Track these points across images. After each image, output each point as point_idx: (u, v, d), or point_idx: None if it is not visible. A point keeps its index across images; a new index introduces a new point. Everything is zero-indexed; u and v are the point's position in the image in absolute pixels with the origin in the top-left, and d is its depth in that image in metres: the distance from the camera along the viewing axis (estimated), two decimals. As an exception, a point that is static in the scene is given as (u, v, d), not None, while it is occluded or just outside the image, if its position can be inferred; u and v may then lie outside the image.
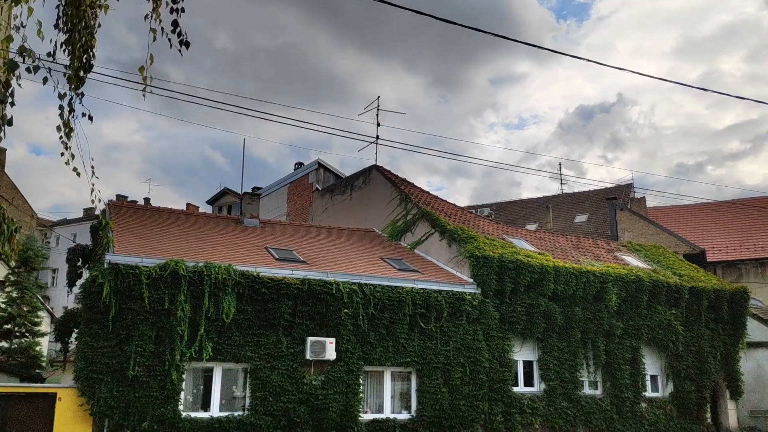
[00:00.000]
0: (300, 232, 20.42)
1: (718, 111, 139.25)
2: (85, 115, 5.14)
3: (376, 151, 26.41)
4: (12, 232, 4.65)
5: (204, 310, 13.51)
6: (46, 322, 28.58)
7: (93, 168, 5.37)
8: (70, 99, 4.77)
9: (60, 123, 4.80)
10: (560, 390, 17.75)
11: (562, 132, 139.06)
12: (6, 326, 24.33)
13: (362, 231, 22.02)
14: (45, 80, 4.67)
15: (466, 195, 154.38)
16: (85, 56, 4.70)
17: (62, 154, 5.06)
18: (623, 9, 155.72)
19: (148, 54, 4.68)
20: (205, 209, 41.54)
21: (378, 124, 24.41)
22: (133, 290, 12.97)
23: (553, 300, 18.03)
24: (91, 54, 4.75)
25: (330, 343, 14.52)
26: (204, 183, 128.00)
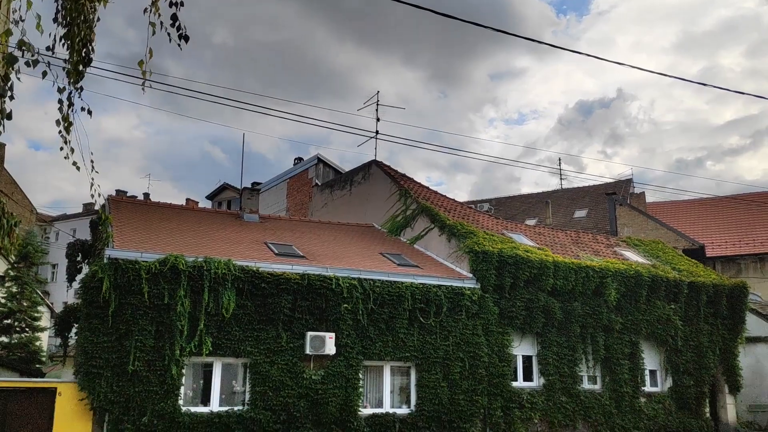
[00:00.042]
0: (299, 227, 20.43)
1: (717, 106, 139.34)
2: (84, 109, 5.13)
3: (376, 146, 26.46)
4: (11, 226, 4.65)
5: (204, 305, 13.53)
6: (45, 317, 28.62)
7: (92, 162, 5.37)
8: (70, 93, 4.77)
9: (59, 117, 4.81)
10: (559, 385, 17.79)
11: (562, 127, 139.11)
12: (6, 321, 24.37)
13: (362, 226, 22.03)
14: (44, 74, 4.67)
15: (466, 190, 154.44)
16: (84, 50, 4.70)
17: (61, 149, 5.06)
18: (623, 4, 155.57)
19: (147, 48, 4.68)
20: (204, 204, 41.53)
21: (377, 119, 24.41)
22: (132, 285, 12.98)
23: (552, 295, 18.05)
24: (90, 48, 4.74)
25: (330, 337, 14.55)
26: (203, 178, 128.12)
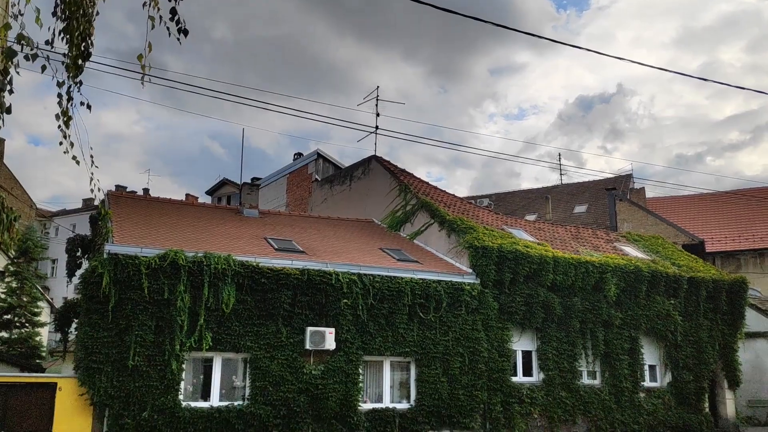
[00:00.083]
0: (299, 222, 20.42)
1: (718, 101, 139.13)
2: (83, 104, 5.12)
3: (376, 141, 26.36)
4: (11, 220, 4.64)
5: (204, 300, 13.53)
6: (45, 312, 28.62)
7: (92, 157, 5.35)
8: (69, 87, 4.76)
9: (59, 111, 4.79)
10: (559, 380, 17.81)
11: (562, 122, 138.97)
12: (6, 316, 24.37)
13: (361, 221, 22.02)
14: (43, 68, 4.65)
15: (466, 186, 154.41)
16: (84, 44, 4.68)
17: (61, 143, 5.04)
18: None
19: (147, 42, 4.66)
20: (204, 200, 41.55)
21: (377, 114, 24.40)
22: (132, 280, 12.98)
23: (552, 290, 18.06)
24: (89, 42, 4.72)
25: (329, 333, 14.56)
26: (203, 173, 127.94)
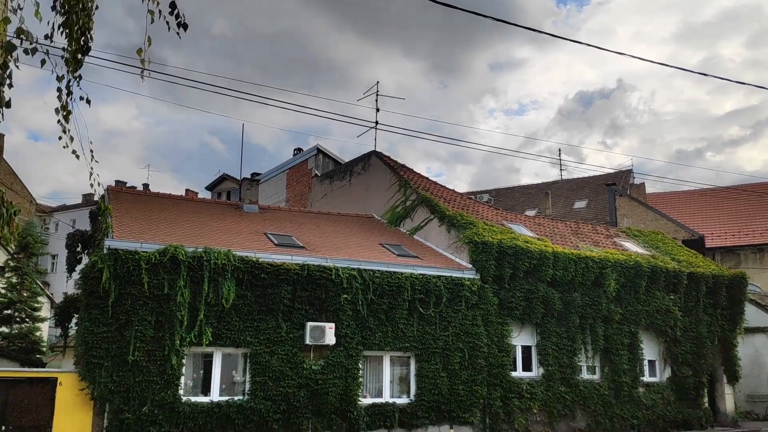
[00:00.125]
0: (299, 217, 20.42)
1: (718, 97, 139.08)
2: (83, 98, 5.11)
3: (375, 136, 26.40)
4: (11, 215, 4.65)
5: (203, 295, 13.54)
6: (46, 307, 28.64)
7: (92, 152, 5.35)
8: (68, 82, 4.75)
9: (58, 106, 4.79)
10: (558, 375, 17.84)
11: (562, 118, 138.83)
12: (6, 311, 24.38)
13: (361, 217, 22.02)
14: (43, 62, 4.65)
15: (466, 181, 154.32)
16: (83, 38, 4.67)
17: (60, 138, 5.03)
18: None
19: (146, 36, 4.65)
20: (204, 195, 41.53)
21: (377, 110, 24.35)
22: (132, 275, 13.00)
23: (551, 285, 18.08)
24: (88, 36, 4.71)
25: (329, 328, 14.58)
26: (203, 169, 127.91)
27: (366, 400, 15.18)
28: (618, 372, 18.84)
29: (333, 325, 14.68)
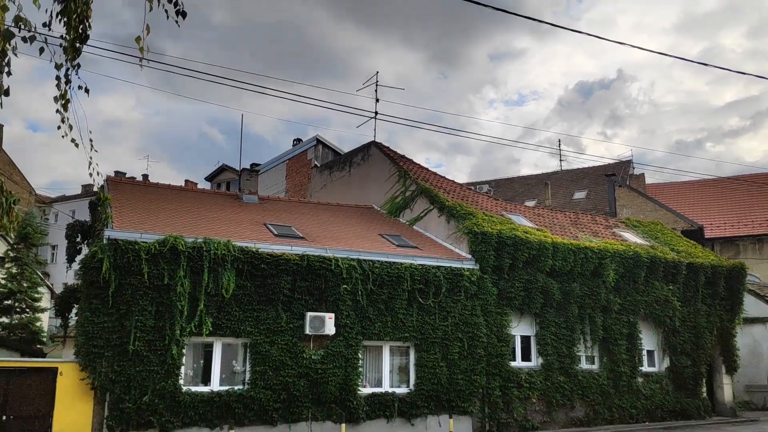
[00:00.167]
0: (299, 208, 20.42)
1: (718, 87, 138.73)
2: (81, 87, 5.09)
3: (375, 127, 26.29)
4: (10, 204, 4.65)
5: (203, 285, 13.57)
6: (46, 298, 28.69)
7: (91, 141, 5.33)
8: (67, 70, 4.74)
9: (57, 94, 4.78)
10: (557, 364, 17.91)
11: (562, 108, 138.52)
12: (6, 302, 24.42)
13: (361, 207, 22.02)
14: (41, 50, 4.64)
15: (465, 172, 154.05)
16: (81, 27, 4.66)
17: (59, 127, 5.02)
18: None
19: (145, 24, 4.64)
20: (203, 186, 41.47)
21: (377, 100, 24.29)
22: (132, 266, 13.01)
23: (551, 276, 18.11)
24: (87, 24, 4.70)
25: (329, 318, 14.62)
26: (202, 160, 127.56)
27: (365, 390, 15.24)
28: (617, 362, 18.91)
29: (333, 315, 14.72)
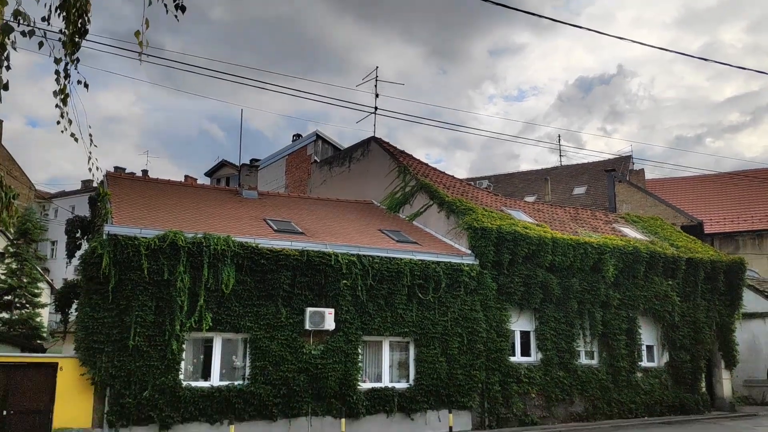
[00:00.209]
0: (298, 203, 20.42)
1: (718, 83, 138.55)
2: (80, 82, 5.08)
3: (375, 122, 26.21)
4: (10, 198, 4.65)
5: (203, 280, 13.58)
6: (46, 293, 28.72)
7: (91, 136, 5.33)
8: (66, 64, 4.73)
9: (56, 89, 4.77)
10: (557, 360, 17.94)
11: (562, 104, 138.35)
12: (6, 297, 24.45)
13: (361, 203, 22.02)
14: (41, 44, 4.63)
15: (465, 167, 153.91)
16: (80, 21, 4.65)
17: (58, 122, 5.01)
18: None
19: (144, 18, 4.62)
20: (203, 181, 41.46)
21: (376, 95, 24.26)
22: (132, 261, 13.02)
23: (550, 271, 18.12)
24: (86, 18, 4.69)
25: (329, 313, 14.64)
26: (201, 155, 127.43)
27: (365, 385, 15.27)
28: (616, 357, 18.95)
29: (332, 310, 14.74)
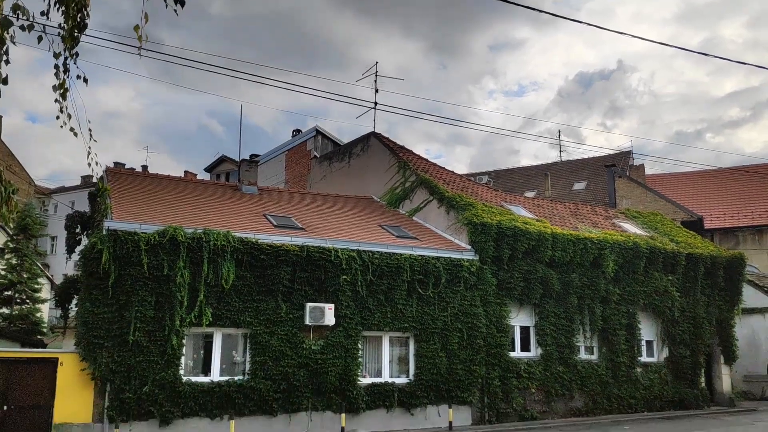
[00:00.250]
0: (298, 199, 20.41)
1: (718, 78, 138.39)
2: (80, 77, 5.07)
3: (374, 117, 26.13)
4: (9, 193, 4.63)
5: (203, 276, 13.59)
6: (46, 288, 28.68)
7: (90, 131, 5.31)
8: (65, 59, 4.72)
9: (56, 83, 4.76)
10: (556, 355, 17.96)
11: (562, 99, 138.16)
12: (6, 293, 24.44)
13: (360, 198, 22.01)
14: (40, 39, 4.61)
15: (465, 163, 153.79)
16: (79, 15, 4.63)
17: (57, 117, 4.99)
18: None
19: (143, 12, 4.60)
20: (203, 177, 41.44)
21: (376, 90, 24.20)
22: (132, 256, 13.02)
23: (550, 266, 18.13)
24: (85, 13, 4.67)
25: (329, 308, 14.65)
26: (201, 151, 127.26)
27: (365, 380, 15.29)
28: (616, 352, 18.97)
29: (332, 305, 14.75)
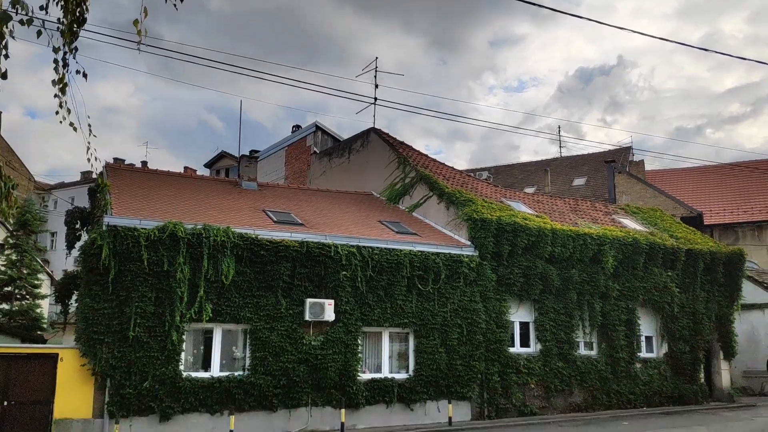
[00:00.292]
0: (298, 195, 20.41)
1: (718, 73, 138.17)
2: (79, 72, 5.06)
3: (374, 113, 26.02)
4: (9, 188, 4.63)
5: (203, 271, 13.59)
6: (46, 284, 28.71)
7: (90, 126, 5.31)
8: (64, 54, 4.71)
9: (55, 78, 4.75)
10: (556, 350, 17.99)
11: (562, 95, 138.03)
12: (6, 288, 24.46)
13: (360, 194, 22.01)
14: (39, 33, 4.60)
15: (465, 159, 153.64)
16: (79, 10, 4.62)
17: (57, 112, 4.99)
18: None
19: (142, 7, 4.60)
20: (202, 172, 41.41)
21: (376, 86, 24.19)
22: (132, 252, 13.02)
23: (550, 262, 18.14)
24: (84, 7, 4.66)
25: (329, 304, 14.66)
26: (200, 147, 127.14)
27: (365, 376, 15.31)
28: (615, 348, 19.00)
29: (332, 301, 14.76)
